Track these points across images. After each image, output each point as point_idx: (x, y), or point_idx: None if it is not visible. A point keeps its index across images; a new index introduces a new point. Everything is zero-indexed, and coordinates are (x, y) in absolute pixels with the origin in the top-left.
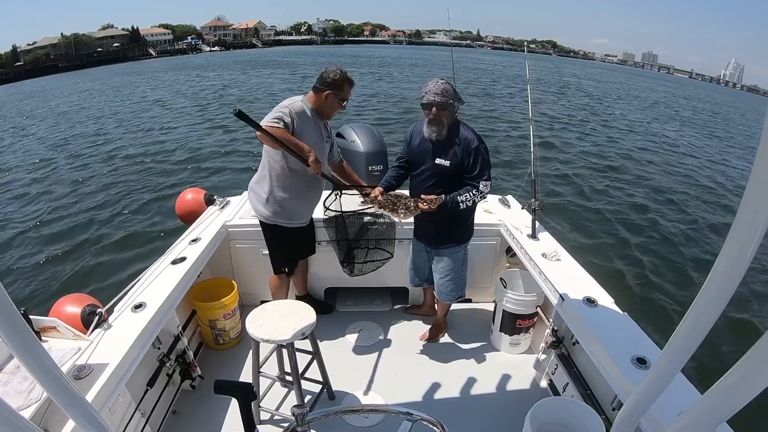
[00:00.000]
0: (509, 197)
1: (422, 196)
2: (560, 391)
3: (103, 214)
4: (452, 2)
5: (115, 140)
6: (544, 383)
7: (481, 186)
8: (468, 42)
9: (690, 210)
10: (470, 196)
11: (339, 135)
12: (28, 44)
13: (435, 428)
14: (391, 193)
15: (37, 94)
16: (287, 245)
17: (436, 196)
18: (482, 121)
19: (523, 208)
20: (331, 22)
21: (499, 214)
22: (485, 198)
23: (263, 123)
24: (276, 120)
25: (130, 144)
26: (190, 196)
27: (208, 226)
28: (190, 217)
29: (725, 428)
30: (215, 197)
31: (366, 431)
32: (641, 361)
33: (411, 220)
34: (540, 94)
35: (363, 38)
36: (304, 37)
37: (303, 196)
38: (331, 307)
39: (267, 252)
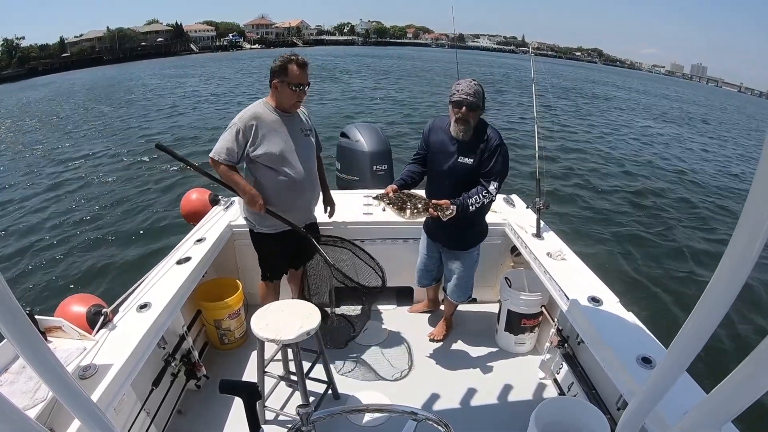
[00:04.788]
0: (514, 196)
1: (433, 201)
2: (565, 390)
3: (108, 213)
4: (499, 7)
5: (125, 138)
6: (548, 383)
7: (490, 186)
8: (512, 47)
9: (698, 210)
10: (479, 198)
11: (343, 135)
12: (75, 36)
13: (440, 428)
14: (404, 192)
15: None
16: (270, 252)
17: (447, 201)
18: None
19: (527, 208)
20: (374, 23)
21: (503, 213)
22: (493, 200)
23: (211, 154)
24: (218, 154)
25: (137, 143)
26: (195, 196)
27: (212, 226)
28: (194, 217)
29: (730, 428)
30: (220, 197)
31: (371, 431)
32: (646, 361)
33: (421, 220)
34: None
35: (405, 41)
36: (345, 38)
37: (279, 202)
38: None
39: None
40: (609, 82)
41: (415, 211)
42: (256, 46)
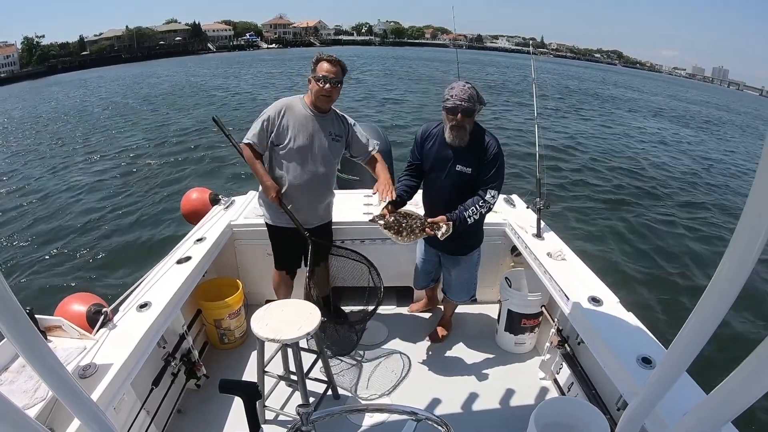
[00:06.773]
0: (514, 196)
1: (429, 220)
2: (565, 390)
3: (108, 213)
4: (520, 8)
5: (132, 139)
6: (548, 383)
7: (487, 196)
8: (529, 49)
9: (698, 208)
10: (477, 209)
11: None
12: (95, 35)
13: (440, 428)
14: (400, 211)
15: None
16: (280, 244)
17: (443, 218)
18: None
19: (528, 208)
20: (392, 23)
21: (504, 213)
22: (491, 209)
23: (243, 139)
24: (248, 138)
25: (144, 144)
26: (195, 195)
27: (213, 225)
28: (195, 217)
29: (730, 428)
30: (220, 197)
31: (371, 431)
32: (646, 361)
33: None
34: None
35: (423, 41)
36: (363, 38)
37: (292, 197)
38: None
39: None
40: (629, 85)
41: (412, 234)
42: (273, 45)
